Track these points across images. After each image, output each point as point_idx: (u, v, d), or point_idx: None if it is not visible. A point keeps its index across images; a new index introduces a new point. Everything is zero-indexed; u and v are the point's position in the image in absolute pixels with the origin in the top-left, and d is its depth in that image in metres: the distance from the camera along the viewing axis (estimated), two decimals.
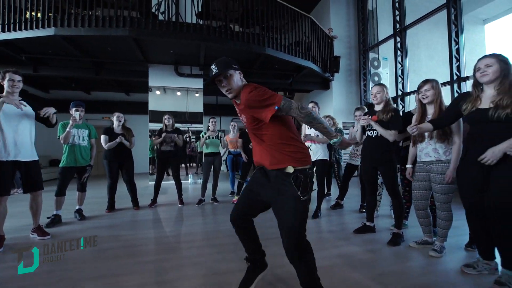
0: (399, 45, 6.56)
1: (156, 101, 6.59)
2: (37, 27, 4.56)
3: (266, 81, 7.51)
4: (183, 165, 7.37)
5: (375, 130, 2.48)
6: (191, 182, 6.71)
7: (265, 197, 1.46)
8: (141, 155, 7.63)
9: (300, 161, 1.36)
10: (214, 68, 1.38)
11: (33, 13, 4.63)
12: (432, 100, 2.12)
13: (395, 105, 2.49)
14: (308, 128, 3.35)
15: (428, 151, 2.14)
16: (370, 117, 2.53)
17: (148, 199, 4.28)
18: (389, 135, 2.38)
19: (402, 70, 6.49)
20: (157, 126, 6.09)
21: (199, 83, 6.82)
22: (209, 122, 4.36)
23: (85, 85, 8.33)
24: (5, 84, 2.47)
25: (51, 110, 2.62)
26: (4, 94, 2.49)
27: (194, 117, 6.93)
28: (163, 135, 3.97)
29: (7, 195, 2.43)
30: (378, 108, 2.55)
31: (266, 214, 1.64)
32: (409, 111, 2.72)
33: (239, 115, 1.53)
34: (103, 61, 6.13)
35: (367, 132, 2.58)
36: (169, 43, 5.27)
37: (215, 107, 10.14)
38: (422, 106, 2.21)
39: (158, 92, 6.61)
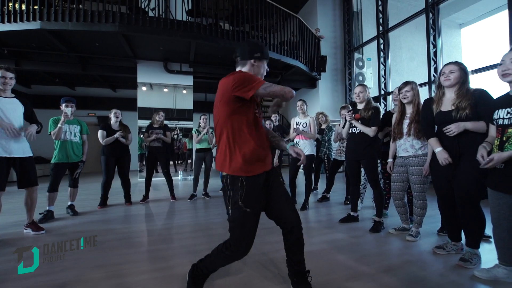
0: (382, 46, 6.87)
1: (144, 98, 6.55)
2: (21, 20, 4.45)
3: None
4: (172, 162, 7.40)
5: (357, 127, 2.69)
6: (181, 178, 6.76)
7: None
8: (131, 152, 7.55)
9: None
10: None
11: (16, 5, 4.51)
12: (411, 101, 2.34)
13: (377, 104, 2.71)
14: (295, 125, 3.52)
15: (406, 146, 2.36)
16: (353, 115, 2.74)
17: (139, 195, 4.34)
18: (369, 131, 2.60)
19: (385, 71, 6.82)
20: (145, 122, 6.08)
21: (188, 80, 6.84)
22: (200, 119, 4.45)
23: (69, 80, 8.12)
24: None
25: (33, 129, 2.58)
26: None
27: (182, 114, 6.94)
28: (154, 135, 4.01)
29: (1, 191, 2.44)
30: (360, 106, 2.76)
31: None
32: (389, 111, 2.95)
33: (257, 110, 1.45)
34: (90, 56, 6.03)
35: (350, 129, 2.79)
36: (159, 40, 5.28)
37: (204, 104, 10.17)
38: (402, 106, 2.42)
39: (144, 88, 6.55)
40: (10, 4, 4.55)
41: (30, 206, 2.69)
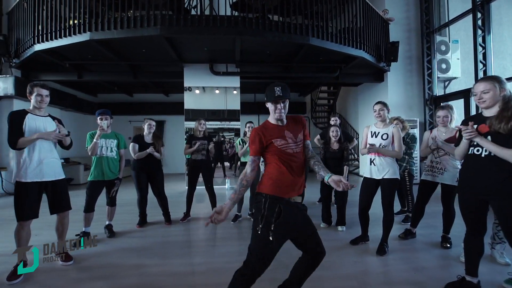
0: (480, 22, 5.20)
1: (193, 101, 6.35)
2: (74, 33, 4.53)
3: (308, 76, 6.73)
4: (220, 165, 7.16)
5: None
6: (228, 187, 6.33)
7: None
8: (178, 156, 7.51)
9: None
10: (278, 91, 1.47)
11: (71, 21, 4.61)
12: None
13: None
14: (371, 137, 2.58)
15: None
16: (476, 126, 1.72)
17: (184, 206, 3.91)
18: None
19: (484, 54, 5.14)
20: (192, 124, 5.83)
21: (235, 81, 6.36)
22: (245, 127, 3.85)
23: (126, 88, 8.54)
24: (33, 99, 2.26)
25: (64, 131, 2.35)
26: (31, 108, 2.29)
27: (232, 115, 6.58)
28: (197, 144, 3.58)
29: (32, 219, 2.22)
30: (488, 113, 1.72)
31: None
32: None
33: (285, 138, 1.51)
34: (139, 63, 6.03)
35: (471, 148, 1.77)
36: (202, 40, 4.86)
37: (252, 105, 9.65)
38: None
39: (197, 91, 6.36)
40: (69, 21, 4.69)
41: (61, 233, 2.46)
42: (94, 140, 2.88)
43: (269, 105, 1.52)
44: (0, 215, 4.03)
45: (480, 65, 5.19)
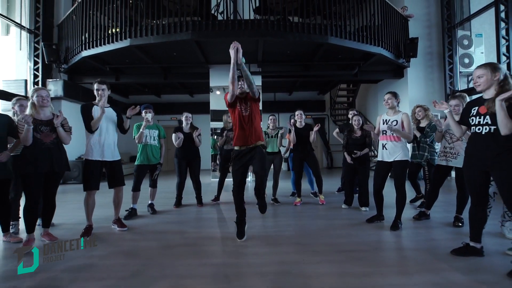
0: (503, 14, 5.19)
1: (217, 101, 6.81)
2: (116, 40, 5.14)
3: (327, 74, 6.96)
4: None
5: (484, 125, 1.90)
6: (250, 180, 6.71)
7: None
8: (203, 153, 7.99)
9: None
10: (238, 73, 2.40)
11: (113, 30, 5.24)
12: None
13: None
14: (383, 124, 2.84)
15: None
16: (476, 108, 1.96)
17: (210, 195, 4.39)
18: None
19: (508, 47, 5.13)
20: (218, 124, 6.27)
21: (257, 81, 6.75)
22: (268, 119, 4.21)
23: (155, 89, 9.23)
24: (95, 93, 2.76)
25: (132, 111, 2.92)
26: (95, 101, 2.79)
27: None
28: (225, 133, 3.99)
29: (96, 190, 2.73)
30: (487, 96, 1.95)
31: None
32: None
33: (239, 106, 2.53)
34: (170, 66, 6.61)
35: (473, 128, 2.00)
36: (227, 42, 5.24)
37: (273, 104, 10.00)
38: None
39: (218, 92, 6.81)
40: (110, 29, 5.33)
41: (117, 204, 2.95)
42: (141, 130, 3.37)
43: None
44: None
45: (503, 58, 5.17)
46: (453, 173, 2.92)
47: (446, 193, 4.41)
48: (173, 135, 3.75)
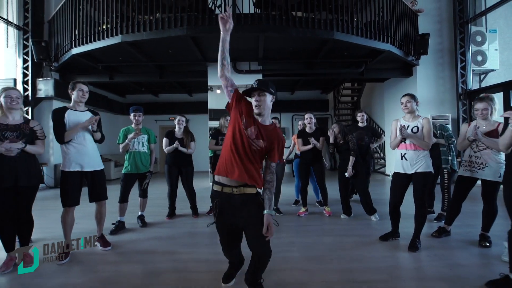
0: None
1: (216, 100, 6.48)
2: (107, 37, 4.81)
3: (332, 72, 6.60)
4: None
5: None
6: None
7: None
8: (202, 153, 7.70)
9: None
10: (255, 84, 1.63)
11: (104, 25, 4.91)
12: None
13: None
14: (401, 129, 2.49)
15: None
16: None
17: (209, 201, 4.03)
18: None
19: None
20: (216, 124, 5.94)
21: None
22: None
23: (152, 88, 8.90)
24: (74, 94, 2.45)
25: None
26: (71, 104, 2.49)
27: None
28: (219, 139, 3.67)
29: (75, 205, 2.41)
30: None
31: None
32: None
33: (251, 133, 1.58)
34: (165, 64, 6.27)
35: None
36: None
37: (274, 103, 9.62)
38: None
39: (218, 91, 6.49)
40: (101, 25, 5.00)
41: (99, 220, 2.64)
42: (127, 141, 3.05)
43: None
44: (44, 205, 4.39)
45: None
46: (478, 182, 2.57)
47: (465, 202, 4.06)
48: (164, 139, 3.44)
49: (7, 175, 2.06)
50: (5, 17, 5.90)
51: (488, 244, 2.48)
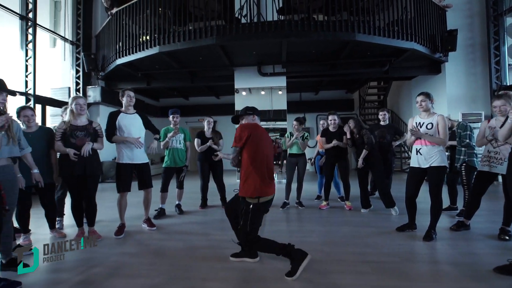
0: None
1: (242, 102, 6.88)
2: (146, 48, 5.43)
3: (356, 72, 6.67)
4: None
5: None
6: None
7: None
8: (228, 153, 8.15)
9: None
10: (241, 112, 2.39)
11: (143, 38, 5.55)
12: None
13: None
14: (417, 124, 2.63)
15: None
16: None
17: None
18: None
19: None
20: None
21: (282, 81, 6.70)
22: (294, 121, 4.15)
23: (183, 92, 9.59)
24: (124, 99, 2.97)
25: (154, 145, 3.03)
26: (123, 108, 2.99)
27: (278, 115, 6.91)
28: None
29: (127, 191, 2.91)
30: None
31: None
32: None
33: None
34: (196, 70, 6.82)
35: None
36: (251, 45, 5.33)
37: (299, 104, 9.84)
38: None
39: (243, 93, 6.89)
40: (142, 37, 5.65)
41: (146, 205, 3.13)
42: (167, 139, 3.54)
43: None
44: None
45: None
46: (499, 178, 2.62)
47: (491, 200, 4.00)
48: (196, 139, 3.86)
49: (78, 165, 2.59)
50: (63, 35, 6.85)
51: (507, 238, 2.52)
